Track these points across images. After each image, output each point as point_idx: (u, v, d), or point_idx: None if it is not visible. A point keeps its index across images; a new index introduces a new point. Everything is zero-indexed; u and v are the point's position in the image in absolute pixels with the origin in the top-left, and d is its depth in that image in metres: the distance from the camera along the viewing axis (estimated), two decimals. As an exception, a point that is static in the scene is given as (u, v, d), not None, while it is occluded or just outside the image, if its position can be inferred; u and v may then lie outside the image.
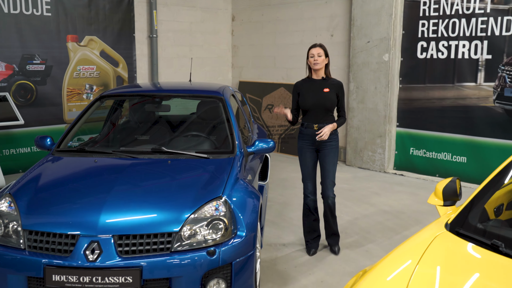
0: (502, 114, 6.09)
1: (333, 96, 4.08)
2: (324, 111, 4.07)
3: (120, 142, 4.28)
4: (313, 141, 4.09)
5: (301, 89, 4.18)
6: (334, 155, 4.15)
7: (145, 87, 4.80)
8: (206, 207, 3.04)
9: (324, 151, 4.13)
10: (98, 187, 3.26)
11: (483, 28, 6.09)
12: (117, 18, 7.74)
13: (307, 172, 4.22)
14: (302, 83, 4.22)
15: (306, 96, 4.10)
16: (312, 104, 4.06)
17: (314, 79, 4.15)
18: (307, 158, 4.18)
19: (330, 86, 4.10)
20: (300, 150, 4.22)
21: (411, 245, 2.37)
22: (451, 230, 2.44)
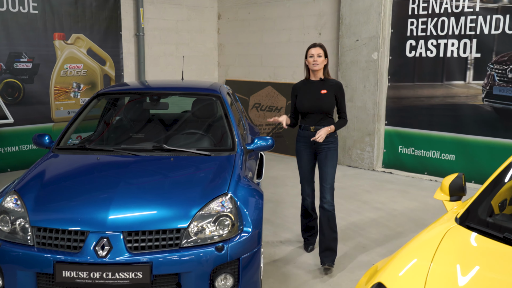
0: (491, 112, 6.20)
1: (331, 98, 3.91)
2: (322, 113, 3.91)
3: (118, 140, 4.23)
4: (310, 144, 3.97)
5: (298, 92, 4.03)
6: (332, 158, 3.97)
7: (141, 85, 4.76)
8: (212, 204, 3.02)
9: (322, 154, 3.98)
10: (104, 184, 3.23)
11: (472, 26, 6.20)
12: (103, 16, 7.63)
13: (304, 175, 4.13)
14: (300, 85, 4.07)
15: (302, 99, 3.95)
16: (309, 107, 3.90)
17: (312, 80, 3.98)
18: (304, 161, 4.08)
19: (328, 87, 3.92)
20: (298, 153, 4.11)
21: (425, 239, 2.39)
22: (461, 224, 2.47)
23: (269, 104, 8.54)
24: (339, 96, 3.97)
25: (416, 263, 2.18)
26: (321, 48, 3.92)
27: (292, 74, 8.28)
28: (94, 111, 4.56)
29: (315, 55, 3.88)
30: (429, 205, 5.60)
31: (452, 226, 2.41)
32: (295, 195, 5.96)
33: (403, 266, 2.20)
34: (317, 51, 3.89)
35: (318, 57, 3.87)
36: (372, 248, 4.33)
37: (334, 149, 3.99)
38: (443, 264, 2.12)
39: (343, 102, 4.01)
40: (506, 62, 6.01)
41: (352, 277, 3.78)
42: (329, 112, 3.94)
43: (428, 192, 6.12)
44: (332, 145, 3.97)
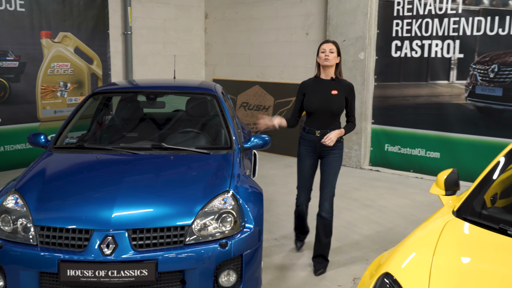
0: (474, 111, 6.39)
1: (342, 99, 3.73)
2: (330, 115, 3.73)
3: (113, 139, 4.25)
4: (314, 148, 3.78)
5: (307, 89, 3.82)
6: (337, 165, 3.78)
7: (137, 84, 4.77)
8: (215, 201, 3.08)
9: (326, 160, 3.78)
10: (106, 182, 3.26)
11: (455, 28, 6.38)
12: (91, 15, 7.61)
13: (303, 181, 3.91)
14: (308, 82, 3.87)
15: (311, 98, 3.76)
16: (318, 107, 3.72)
17: (322, 79, 3.79)
18: (306, 166, 3.87)
19: (340, 88, 3.74)
20: (300, 157, 3.90)
21: (426, 231, 2.50)
22: (458, 217, 2.59)
23: (257, 103, 8.62)
24: (350, 98, 3.78)
25: (419, 254, 2.28)
26: (334, 44, 3.75)
27: (279, 74, 8.37)
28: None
29: (327, 50, 3.71)
30: (417, 201, 5.74)
31: (450, 218, 2.52)
32: (286, 193, 6.06)
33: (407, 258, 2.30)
34: (329, 47, 3.72)
35: (330, 53, 3.70)
36: (365, 244, 4.44)
37: (339, 155, 3.80)
38: (445, 254, 2.23)
39: (353, 105, 3.80)
40: (487, 62, 6.20)
41: (348, 272, 3.88)
42: (338, 114, 3.77)
43: (415, 189, 6.27)
44: (337, 151, 3.79)
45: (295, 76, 8.16)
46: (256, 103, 8.65)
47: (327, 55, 3.71)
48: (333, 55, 3.72)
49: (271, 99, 8.45)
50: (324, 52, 3.72)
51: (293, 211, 4.21)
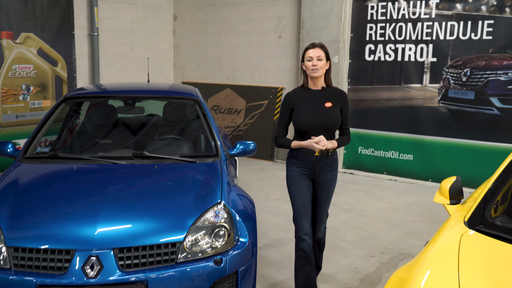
0: (446, 114, 6.46)
1: (337, 112, 3.24)
2: (326, 132, 3.21)
3: (87, 146, 3.99)
4: (311, 170, 3.28)
5: (295, 103, 3.26)
6: (333, 188, 3.41)
7: (112, 89, 4.53)
8: (207, 214, 2.93)
9: (322, 183, 3.33)
10: (87, 195, 3.02)
11: (428, 32, 6.43)
12: (55, 15, 7.26)
13: (303, 208, 3.31)
14: (296, 94, 3.29)
15: (303, 113, 3.22)
16: (312, 124, 3.19)
17: (311, 90, 3.26)
18: (303, 190, 3.30)
19: (333, 98, 3.24)
20: (293, 180, 3.32)
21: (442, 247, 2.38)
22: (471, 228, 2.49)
23: (228, 107, 8.47)
24: (344, 108, 3.29)
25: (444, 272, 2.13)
26: (322, 49, 3.21)
27: (251, 77, 8.25)
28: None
29: (314, 58, 3.17)
30: (395, 204, 5.75)
31: (464, 231, 2.44)
32: (263, 198, 5.94)
33: (432, 276, 2.15)
34: (317, 53, 3.18)
35: (318, 61, 3.17)
36: (351, 251, 4.37)
37: (335, 176, 3.39)
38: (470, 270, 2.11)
39: (347, 115, 3.33)
40: (460, 66, 6.28)
41: (340, 282, 3.79)
42: (335, 129, 3.28)
43: (390, 191, 6.28)
44: (335, 172, 3.37)
45: (267, 79, 8.07)
46: (228, 106, 8.50)
47: (315, 64, 3.17)
48: (321, 63, 3.19)
49: (243, 102, 8.32)
50: (311, 61, 3.19)
51: (274, 218, 3.93)
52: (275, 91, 7.94)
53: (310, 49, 3.23)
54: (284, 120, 3.36)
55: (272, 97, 7.97)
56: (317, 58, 3.19)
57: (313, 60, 3.19)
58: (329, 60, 3.26)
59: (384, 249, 4.41)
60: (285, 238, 4.63)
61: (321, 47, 3.24)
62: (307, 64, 3.22)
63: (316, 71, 3.19)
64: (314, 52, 3.21)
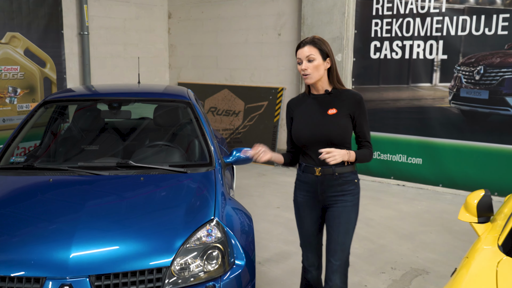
0: (458, 115, 6.08)
1: (344, 120, 2.57)
2: (330, 146, 2.55)
3: (70, 154, 3.62)
4: (314, 193, 2.67)
5: (294, 112, 2.73)
6: (350, 218, 2.64)
7: (96, 91, 4.15)
8: (198, 233, 2.55)
9: (333, 211, 2.63)
10: (62, 214, 2.64)
11: (438, 27, 6.05)
12: (42, 13, 6.88)
13: (307, 239, 2.80)
14: (296, 101, 2.76)
15: (300, 124, 2.66)
16: (309, 136, 2.60)
17: (314, 95, 2.67)
18: (307, 220, 2.76)
19: (339, 103, 2.60)
20: (297, 206, 2.79)
21: (477, 275, 2.01)
22: (506, 253, 2.12)
23: (226, 108, 8.09)
24: (358, 115, 2.60)
25: None
26: (314, 45, 2.54)
27: (250, 77, 7.87)
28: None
29: (303, 60, 2.55)
30: (403, 212, 5.36)
31: (500, 258, 2.06)
32: (263, 206, 5.57)
33: None
34: (305, 53, 2.53)
35: (308, 62, 2.53)
36: (359, 266, 3.99)
37: (354, 203, 2.65)
38: None
39: (364, 123, 2.62)
40: (473, 63, 5.90)
41: (347, 303, 3.41)
42: (342, 143, 2.58)
43: (398, 198, 5.90)
44: (350, 197, 2.62)
45: (266, 79, 7.68)
46: (225, 108, 8.12)
47: (305, 68, 2.54)
48: (313, 64, 2.53)
49: (241, 104, 7.93)
50: (301, 64, 2.57)
51: (275, 228, 3.48)
52: (275, 92, 7.56)
53: (299, 50, 2.59)
54: (288, 133, 2.81)
55: (272, 98, 7.59)
56: (306, 59, 2.54)
57: (303, 63, 2.55)
58: (328, 56, 2.57)
59: (395, 264, 4.03)
60: (287, 251, 4.25)
61: (312, 43, 2.55)
62: (298, 68, 2.60)
63: (307, 77, 2.57)
64: (302, 52, 2.55)
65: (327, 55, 2.57)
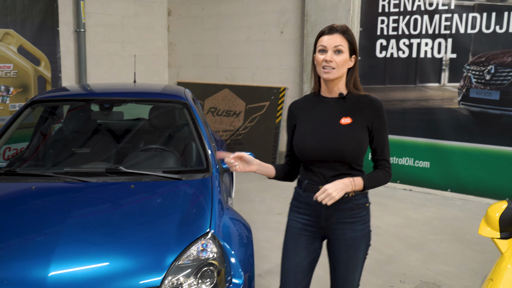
0: (468, 116, 5.83)
1: (360, 133, 2.14)
2: (340, 165, 2.14)
3: (59, 159, 3.39)
4: (317, 219, 2.20)
5: (298, 118, 2.26)
6: (359, 249, 2.20)
7: (86, 90, 3.92)
8: (192, 249, 2.32)
9: (338, 241, 2.20)
10: (42, 227, 2.41)
11: (447, 25, 5.80)
12: (37, 9, 6.65)
13: (293, 279, 2.25)
14: (301, 104, 2.29)
15: (305, 133, 2.19)
16: (316, 150, 2.14)
17: (324, 98, 2.21)
18: (300, 250, 2.25)
19: (356, 112, 2.16)
20: (289, 232, 2.31)
21: None
22: None
23: (226, 109, 7.85)
24: (377, 127, 2.18)
25: None
26: (345, 36, 2.12)
27: (251, 76, 7.63)
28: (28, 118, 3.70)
29: (329, 49, 2.10)
30: (411, 219, 5.12)
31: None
32: (264, 212, 5.33)
33: None
34: (334, 41, 2.09)
35: (337, 54, 2.10)
36: (366, 279, 3.74)
37: (364, 233, 2.20)
38: None
39: (383, 138, 2.21)
40: (483, 63, 5.65)
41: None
42: (355, 161, 2.16)
43: (406, 204, 5.66)
44: (359, 225, 2.18)
45: (268, 79, 7.44)
46: (226, 108, 7.88)
47: (329, 59, 2.08)
48: (341, 58, 2.10)
49: (242, 104, 7.69)
50: (324, 52, 2.10)
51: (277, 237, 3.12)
52: (277, 92, 7.32)
53: (326, 35, 2.13)
54: (288, 143, 2.37)
55: (274, 98, 7.35)
56: (334, 50, 2.09)
57: (328, 52, 2.09)
58: (354, 54, 2.17)
59: (404, 277, 3.79)
60: (290, 261, 4.01)
61: (344, 32, 2.12)
62: (317, 57, 2.13)
63: (330, 71, 2.09)
64: (331, 39, 2.09)
65: (354, 51, 2.17)
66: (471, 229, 4.80)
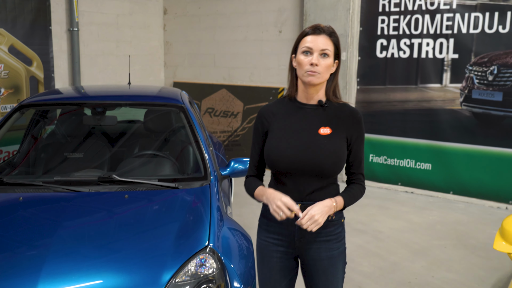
0: (470, 118, 5.71)
1: (340, 145, 1.98)
2: (317, 178, 1.97)
3: (50, 166, 3.24)
4: (290, 239, 2.03)
5: (271, 125, 2.05)
6: (337, 268, 2.05)
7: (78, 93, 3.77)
8: (190, 265, 2.18)
9: (314, 262, 2.04)
10: (30, 241, 2.26)
11: (448, 25, 5.67)
12: (29, 8, 6.48)
13: None
14: (274, 111, 2.07)
15: (279, 143, 1.99)
16: (292, 162, 1.95)
17: (301, 103, 2.03)
18: (271, 273, 2.10)
19: (336, 122, 2.00)
20: (261, 254, 2.14)
21: None
22: None
23: (224, 109, 7.71)
24: (356, 139, 2.03)
25: None
26: (331, 38, 1.97)
27: (249, 76, 7.49)
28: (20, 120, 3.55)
29: (315, 52, 1.92)
30: (414, 223, 4.99)
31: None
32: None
33: None
34: (321, 44, 1.92)
35: (322, 58, 1.93)
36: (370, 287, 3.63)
37: (341, 250, 2.06)
38: None
39: (360, 151, 2.05)
40: (486, 63, 5.53)
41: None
42: (333, 175, 2.00)
43: (408, 207, 5.53)
44: (335, 243, 2.03)
45: (266, 79, 7.30)
46: (223, 109, 7.74)
47: (316, 62, 1.91)
48: (326, 63, 1.93)
49: (240, 104, 7.55)
50: (309, 56, 1.93)
51: None
52: (276, 92, 7.18)
53: (311, 35, 1.94)
54: (256, 151, 2.12)
55: (272, 99, 7.21)
56: (320, 52, 1.92)
57: (314, 55, 1.91)
58: (338, 58, 2.00)
59: (409, 285, 3.66)
60: (290, 269, 3.88)
61: (331, 35, 1.97)
62: (301, 60, 1.93)
63: (314, 75, 1.91)
64: (318, 41, 1.92)
65: (338, 56, 2.00)
66: (475, 233, 4.68)
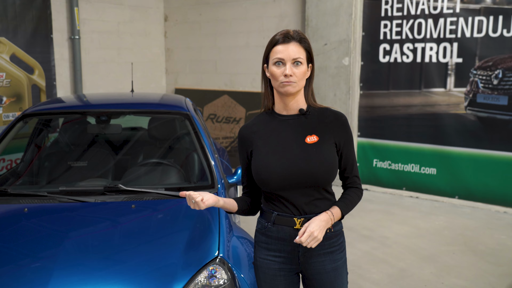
0: (474, 122, 5.68)
1: (329, 151, 1.91)
2: (312, 190, 1.90)
3: (54, 175, 3.20)
4: (291, 255, 1.95)
5: (254, 142, 1.97)
6: (343, 280, 2.01)
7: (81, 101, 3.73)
8: (200, 276, 2.14)
9: (319, 275, 1.96)
10: (36, 254, 2.22)
11: (452, 29, 5.65)
12: (30, 16, 6.46)
13: None
14: (255, 127, 2.00)
15: (265, 160, 1.91)
16: (284, 178, 1.87)
17: (280, 115, 1.97)
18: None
19: (320, 127, 1.94)
20: (262, 273, 2.02)
21: None
22: None
23: (226, 115, 7.68)
24: (345, 143, 1.96)
25: None
26: (301, 44, 1.89)
27: (251, 82, 7.46)
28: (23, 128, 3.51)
29: (288, 62, 1.85)
30: (421, 229, 4.95)
31: None
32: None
33: None
34: (293, 53, 1.85)
35: (295, 66, 1.86)
36: (379, 296, 3.58)
37: (343, 260, 2.01)
38: None
39: (351, 153, 1.99)
40: (490, 67, 5.50)
41: None
42: (329, 183, 1.94)
43: (414, 212, 5.49)
44: (338, 254, 1.98)
45: (269, 85, 7.27)
46: (225, 115, 7.71)
47: (290, 73, 1.84)
48: (301, 70, 1.87)
49: (242, 110, 7.52)
50: (282, 65, 1.86)
51: None
52: (278, 98, 7.15)
53: (280, 45, 1.86)
54: (244, 173, 2.07)
55: (275, 105, 7.18)
56: (292, 62, 1.85)
57: (287, 65, 1.85)
58: (311, 62, 1.94)
59: (419, 292, 3.62)
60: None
61: (301, 41, 1.89)
62: (274, 71, 1.87)
63: (290, 84, 1.85)
64: (289, 50, 1.85)
65: (311, 59, 1.93)
66: (483, 239, 4.64)
